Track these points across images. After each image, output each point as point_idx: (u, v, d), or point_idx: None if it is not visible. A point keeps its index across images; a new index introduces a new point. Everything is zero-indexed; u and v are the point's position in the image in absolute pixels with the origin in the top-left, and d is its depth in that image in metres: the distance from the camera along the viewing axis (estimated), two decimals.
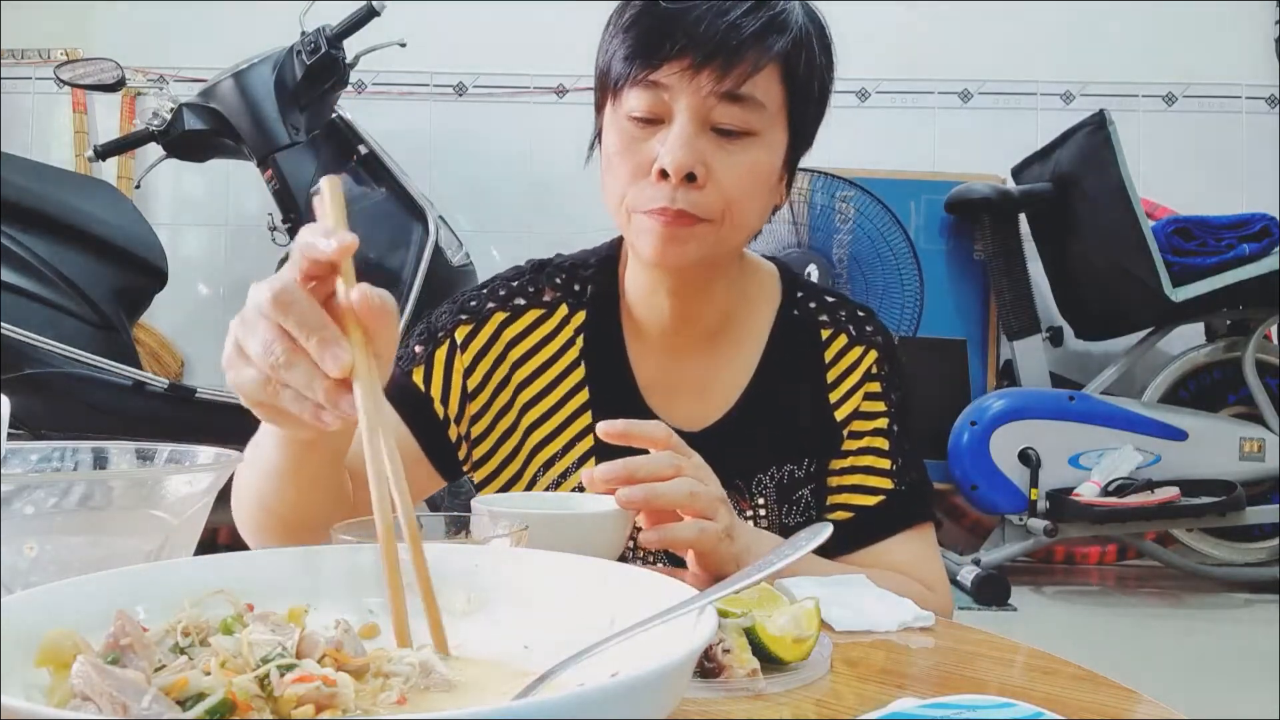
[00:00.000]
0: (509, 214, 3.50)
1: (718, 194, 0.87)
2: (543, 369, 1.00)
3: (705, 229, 0.88)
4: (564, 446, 0.99)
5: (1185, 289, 2.87)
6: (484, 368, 0.99)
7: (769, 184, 0.92)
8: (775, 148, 0.91)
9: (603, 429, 0.79)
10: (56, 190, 2.53)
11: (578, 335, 1.00)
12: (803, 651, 0.55)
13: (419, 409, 0.97)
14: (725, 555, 0.78)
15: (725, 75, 0.85)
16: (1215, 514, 2.86)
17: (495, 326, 0.99)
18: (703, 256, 0.90)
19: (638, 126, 0.88)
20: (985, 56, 3.54)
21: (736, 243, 0.93)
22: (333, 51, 2.65)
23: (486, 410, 0.99)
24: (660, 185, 0.86)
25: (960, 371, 3.22)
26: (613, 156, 0.90)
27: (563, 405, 0.99)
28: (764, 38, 0.86)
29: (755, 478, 0.99)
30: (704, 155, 0.86)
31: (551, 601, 0.51)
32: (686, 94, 0.85)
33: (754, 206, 0.91)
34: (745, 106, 0.86)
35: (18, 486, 0.49)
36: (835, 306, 1.04)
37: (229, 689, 0.38)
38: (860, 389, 1.00)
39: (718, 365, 1.01)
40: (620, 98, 0.89)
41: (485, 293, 1.01)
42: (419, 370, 0.98)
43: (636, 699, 0.34)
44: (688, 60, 0.84)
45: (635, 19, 0.88)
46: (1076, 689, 0.55)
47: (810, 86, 0.91)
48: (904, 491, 0.99)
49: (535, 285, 1.01)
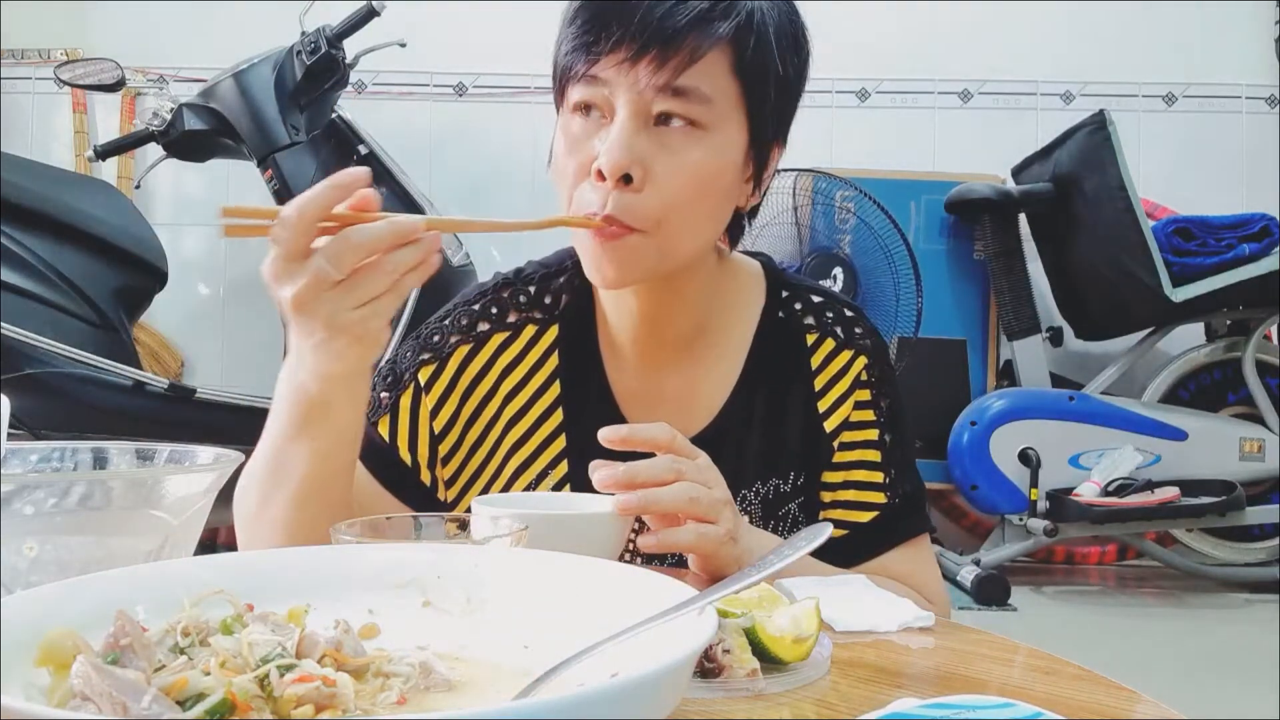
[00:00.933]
0: (509, 214, 3.46)
1: (656, 198, 0.81)
2: (513, 394, 0.96)
3: (638, 241, 0.81)
4: (540, 473, 0.95)
5: (1185, 289, 2.87)
6: (451, 406, 0.95)
7: (720, 184, 0.85)
8: (727, 145, 0.84)
9: (604, 435, 0.76)
10: (56, 190, 2.53)
11: (550, 353, 0.96)
12: (803, 651, 0.55)
13: (386, 461, 0.93)
14: (728, 557, 0.76)
15: (663, 66, 0.79)
16: (1215, 514, 2.86)
17: (459, 363, 0.95)
18: (644, 271, 0.84)
19: (582, 125, 0.84)
20: (985, 56, 3.54)
21: (681, 252, 0.86)
22: (333, 51, 2.65)
23: (459, 448, 0.96)
24: (599, 187, 0.81)
25: (960, 371, 3.22)
26: (560, 157, 0.85)
27: (537, 429, 0.96)
28: (705, 23, 0.79)
29: (739, 494, 0.93)
30: (642, 155, 0.80)
31: (551, 601, 0.51)
32: (624, 88, 0.80)
33: (699, 210, 0.84)
34: (688, 100, 0.80)
35: (18, 486, 0.49)
36: (822, 307, 0.98)
37: (229, 689, 0.38)
38: (850, 397, 0.96)
39: (698, 375, 0.96)
40: (566, 95, 0.85)
41: (447, 324, 0.97)
42: (385, 420, 0.94)
43: (636, 699, 0.34)
44: (624, 52, 0.79)
45: (578, 11, 0.83)
46: (1076, 689, 0.54)
47: (766, 75, 0.84)
48: (898, 505, 0.95)
49: (498, 306, 0.97)
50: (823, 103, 3.49)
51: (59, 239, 2.47)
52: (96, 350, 2.38)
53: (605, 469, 0.74)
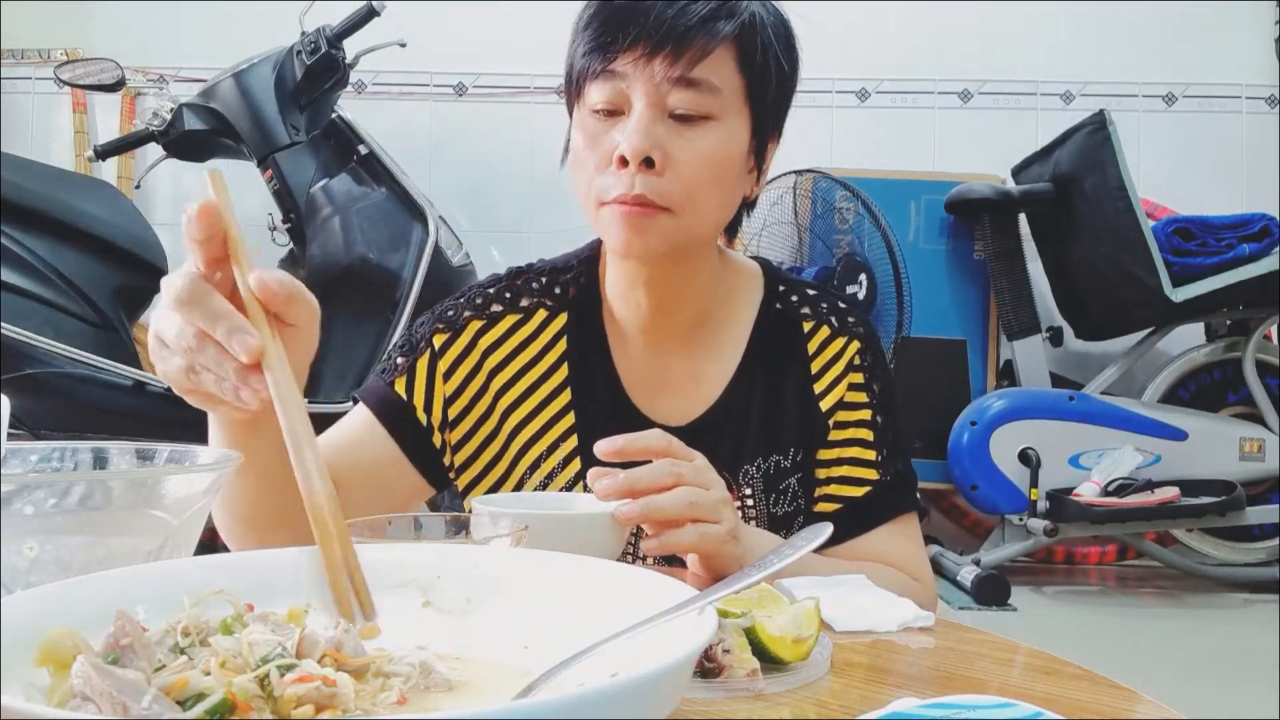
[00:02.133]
0: (509, 214, 3.50)
1: (677, 180, 0.88)
2: (523, 372, 1.01)
3: (666, 218, 0.89)
4: (549, 447, 1.00)
5: (1185, 289, 2.87)
6: (462, 373, 1.00)
7: (731, 171, 0.93)
8: (735, 134, 0.92)
9: (600, 449, 0.78)
10: (56, 190, 2.53)
11: (559, 338, 1.01)
12: (803, 651, 0.55)
13: (402, 418, 0.98)
14: (729, 556, 0.77)
15: (677, 60, 0.87)
16: (1215, 514, 2.86)
17: (472, 335, 1.01)
18: (670, 247, 0.91)
19: (600, 120, 0.91)
20: (985, 56, 3.54)
21: (702, 232, 0.94)
22: (333, 51, 2.65)
23: (466, 415, 1.00)
24: (621, 173, 0.88)
25: (960, 371, 3.22)
26: (579, 152, 0.92)
27: (545, 406, 1.00)
28: (713, 22, 0.88)
29: (742, 469, 1.00)
30: (661, 141, 0.88)
31: (551, 601, 0.51)
32: (641, 82, 0.88)
33: (716, 194, 0.92)
34: (700, 90, 0.88)
35: (18, 486, 0.49)
36: (817, 299, 1.05)
37: (229, 689, 0.38)
38: (844, 379, 1.02)
39: (702, 360, 1.02)
40: (583, 94, 0.91)
41: (462, 302, 1.03)
42: (401, 380, 0.99)
43: (636, 699, 0.34)
44: (640, 48, 0.87)
45: (592, 17, 0.91)
46: (1076, 689, 0.55)
47: (767, 70, 0.92)
48: (889, 482, 1.00)
49: (512, 291, 1.03)
50: (823, 103, 3.49)
51: (59, 239, 2.46)
52: (96, 350, 2.38)
53: (606, 479, 0.75)
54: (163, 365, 0.63)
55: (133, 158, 3.39)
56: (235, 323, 0.57)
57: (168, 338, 0.61)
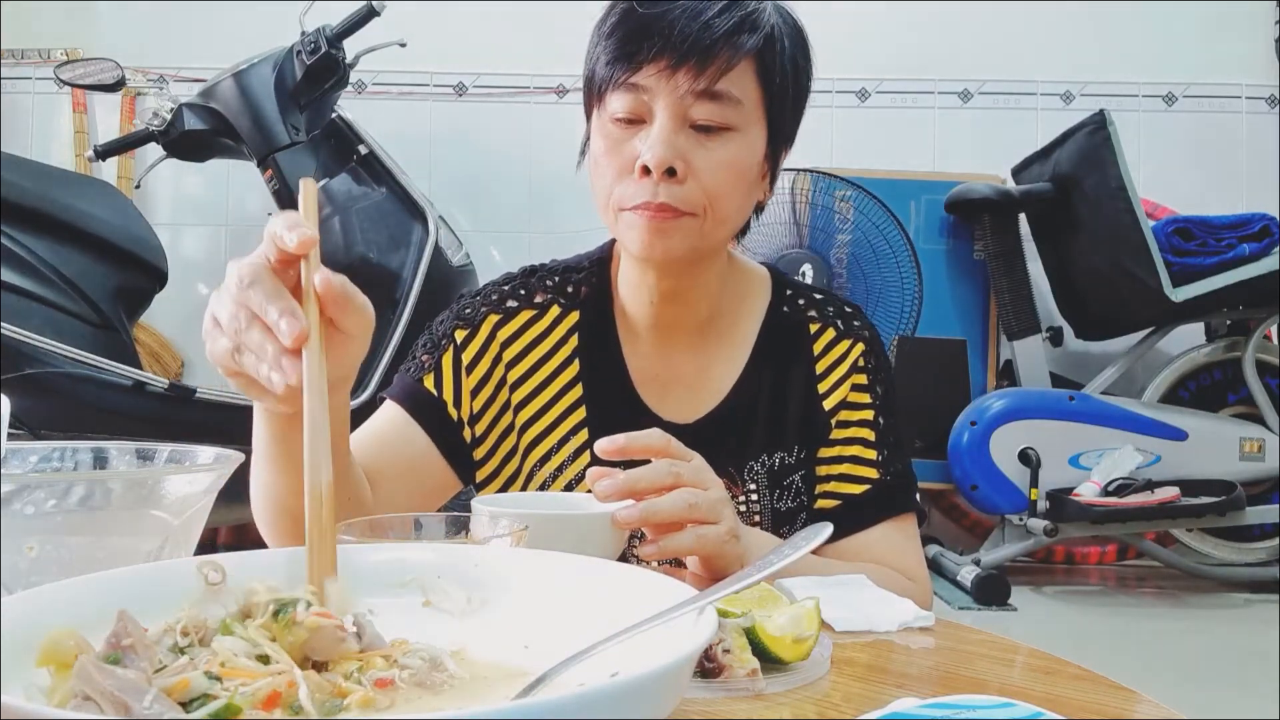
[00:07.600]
0: (509, 214, 3.50)
1: (699, 188, 0.90)
2: (536, 367, 1.03)
3: (689, 222, 0.91)
4: (559, 440, 1.02)
5: (1185, 289, 2.87)
6: (482, 368, 1.02)
7: (749, 179, 0.95)
8: (754, 143, 0.94)
9: (600, 447, 0.78)
10: (56, 190, 2.52)
11: (571, 334, 1.04)
12: (803, 651, 0.55)
13: (435, 414, 1.00)
14: (730, 556, 0.78)
15: (701, 73, 0.88)
16: (1215, 514, 2.86)
17: (489, 329, 1.03)
18: (689, 249, 0.93)
19: (621, 128, 0.92)
20: (985, 56, 3.54)
21: (720, 236, 0.96)
22: (333, 51, 2.65)
23: (486, 409, 1.02)
24: (644, 181, 0.90)
25: (960, 371, 3.22)
26: (599, 158, 0.94)
27: (557, 401, 1.03)
28: (736, 36, 0.89)
29: (747, 465, 1.02)
30: (683, 151, 0.90)
31: (551, 601, 0.51)
32: (665, 93, 0.89)
33: (735, 200, 0.94)
34: (722, 103, 0.90)
35: (18, 486, 0.49)
36: (824, 303, 1.08)
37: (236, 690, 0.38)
38: (848, 380, 1.04)
39: (709, 359, 1.04)
40: (604, 101, 0.93)
41: (478, 299, 1.05)
42: (429, 377, 1.01)
43: (636, 699, 0.34)
44: (665, 61, 0.88)
45: (615, 26, 0.92)
46: (1076, 689, 0.55)
47: (785, 83, 0.94)
48: (889, 482, 1.02)
49: (526, 288, 1.05)
50: (823, 103, 3.49)
51: (59, 239, 2.46)
52: (96, 350, 2.37)
53: (605, 480, 0.75)
54: (211, 344, 0.64)
55: (133, 158, 3.39)
56: (288, 305, 0.58)
57: (222, 318, 0.62)
